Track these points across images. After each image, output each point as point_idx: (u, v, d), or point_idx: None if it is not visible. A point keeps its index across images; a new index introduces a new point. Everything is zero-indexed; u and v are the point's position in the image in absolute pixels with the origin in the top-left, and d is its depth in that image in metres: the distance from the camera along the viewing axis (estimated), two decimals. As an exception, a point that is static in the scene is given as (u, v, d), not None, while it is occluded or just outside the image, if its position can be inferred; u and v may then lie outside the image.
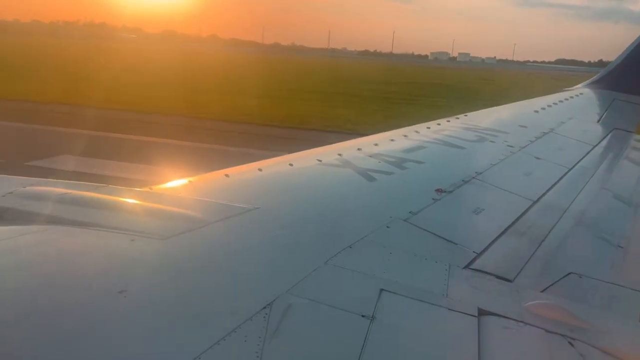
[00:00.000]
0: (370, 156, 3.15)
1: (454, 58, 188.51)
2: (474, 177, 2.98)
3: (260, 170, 2.73)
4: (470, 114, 5.28)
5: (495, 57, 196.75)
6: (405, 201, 2.46)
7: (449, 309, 1.59)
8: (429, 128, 4.29)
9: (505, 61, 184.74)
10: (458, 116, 5.08)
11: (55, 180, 2.13)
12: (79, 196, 1.97)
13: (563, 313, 1.66)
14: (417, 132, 4.06)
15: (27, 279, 1.47)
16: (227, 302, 1.45)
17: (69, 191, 2.01)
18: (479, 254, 2.02)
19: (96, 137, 14.58)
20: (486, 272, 1.89)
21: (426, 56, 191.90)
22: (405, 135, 3.94)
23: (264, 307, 1.41)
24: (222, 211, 2.00)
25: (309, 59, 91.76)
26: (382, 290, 1.62)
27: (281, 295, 1.48)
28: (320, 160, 2.94)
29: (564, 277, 2.01)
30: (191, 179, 2.43)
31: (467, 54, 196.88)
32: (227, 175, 2.56)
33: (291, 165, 2.91)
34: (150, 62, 49.08)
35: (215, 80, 33.00)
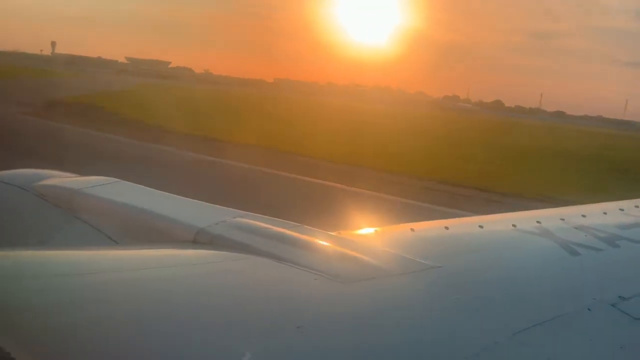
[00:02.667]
0: (576, 228, 2.79)
1: None
2: None
3: (447, 228, 2.64)
4: None
5: None
6: (615, 283, 2.14)
7: None
8: None
9: None
10: None
11: (259, 215, 2.34)
12: (277, 232, 2.14)
13: None
14: (637, 207, 3.47)
15: (219, 300, 1.63)
16: (399, 356, 1.42)
17: (269, 226, 2.19)
18: None
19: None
20: None
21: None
22: (621, 209, 3.39)
23: None
24: (404, 264, 1.99)
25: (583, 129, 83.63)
26: None
27: None
28: (515, 226, 2.72)
29: None
30: (377, 228, 2.49)
31: None
32: (412, 230, 2.52)
33: (481, 227, 2.74)
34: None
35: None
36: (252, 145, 23.23)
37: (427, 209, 14.95)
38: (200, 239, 2.12)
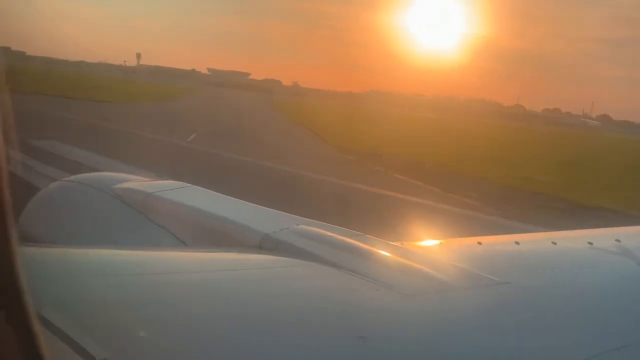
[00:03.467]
0: None
1: None
2: None
3: (517, 243, 2.53)
4: None
5: None
6: None
7: None
8: None
9: None
10: None
11: (322, 222, 2.35)
12: (340, 240, 2.14)
13: None
14: None
15: (281, 306, 1.64)
16: None
17: (332, 234, 2.20)
18: None
19: None
20: None
21: None
22: None
23: None
24: (470, 279, 1.92)
25: None
26: None
27: None
28: (591, 244, 2.57)
29: None
30: (442, 240, 2.44)
31: None
32: (479, 243, 2.46)
33: (554, 243, 2.61)
34: None
35: None
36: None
37: None
38: (265, 244, 2.15)
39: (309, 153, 25.58)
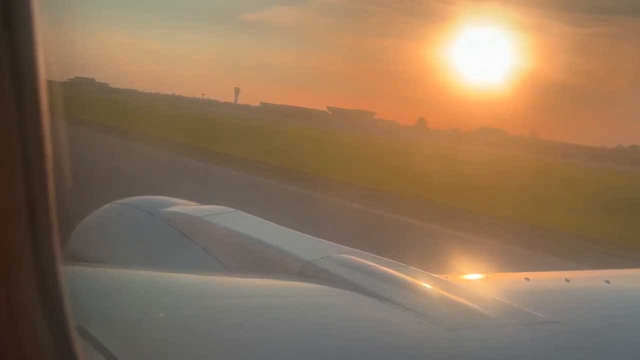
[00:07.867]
0: None
1: None
2: None
3: (567, 281, 2.43)
4: None
5: None
6: None
7: None
8: None
9: None
10: None
11: (364, 252, 2.32)
12: (382, 271, 2.11)
13: None
14: None
15: (320, 336, 1.64)
16: None
17: (374, 265, 2.16)
18: None
19: None
20: None
21: None
22: None
23: None
24: (517, 316, 1.85)
25: None
26: None
27: None
28: None
29: None
30: (488, 275, 2.37)
31: None
32: (527, 279, 2.36)
33: (608, 282, 2.49)
34: None
35: None
36: None
37: None
38: (306, 271, 2.14)
39: None
